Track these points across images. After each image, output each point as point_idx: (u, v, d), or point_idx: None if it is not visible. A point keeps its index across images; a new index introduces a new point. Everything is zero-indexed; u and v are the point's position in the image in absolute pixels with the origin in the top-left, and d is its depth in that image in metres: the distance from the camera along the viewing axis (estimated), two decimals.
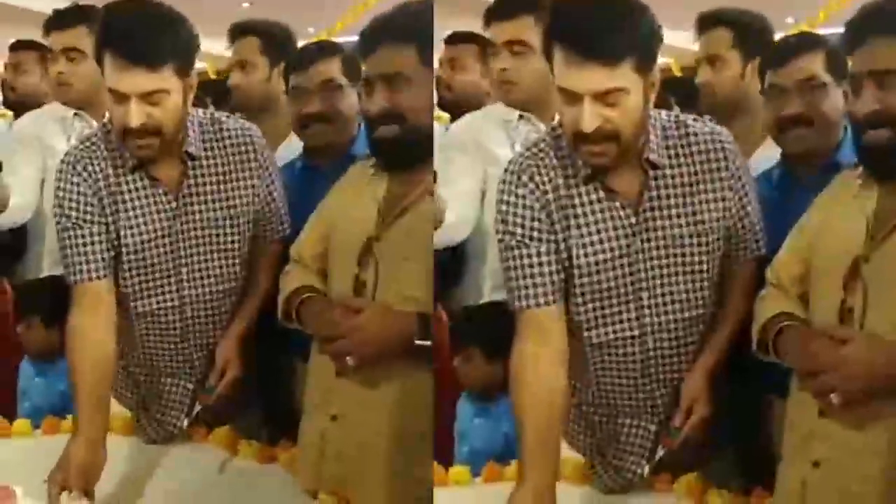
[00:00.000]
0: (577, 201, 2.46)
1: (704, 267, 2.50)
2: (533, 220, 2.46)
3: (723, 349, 2.55)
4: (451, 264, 3.04)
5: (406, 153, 2.57)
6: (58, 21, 3.31)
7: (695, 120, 2.51)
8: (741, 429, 2.67)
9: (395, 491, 2.57)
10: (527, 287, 2.47)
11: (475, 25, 3.22)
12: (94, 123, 3.19)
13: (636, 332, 2.52)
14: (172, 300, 2.79)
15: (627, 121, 2.35)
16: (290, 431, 2.77)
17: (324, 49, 3.04)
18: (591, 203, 2.46)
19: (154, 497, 2.74)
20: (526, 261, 2.47)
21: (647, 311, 2.50)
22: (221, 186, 2.77)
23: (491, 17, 3.11)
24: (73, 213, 2.69)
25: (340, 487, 2.63)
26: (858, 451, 2.25)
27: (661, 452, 2.58)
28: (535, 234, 2.47)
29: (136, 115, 2.57)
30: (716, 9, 3.09)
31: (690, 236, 2.47)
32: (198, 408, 2.82)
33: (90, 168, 2.70)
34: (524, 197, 2.47)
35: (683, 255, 2.48)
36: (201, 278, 2.78)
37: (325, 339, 2.60)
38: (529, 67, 3.04)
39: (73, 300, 2.70)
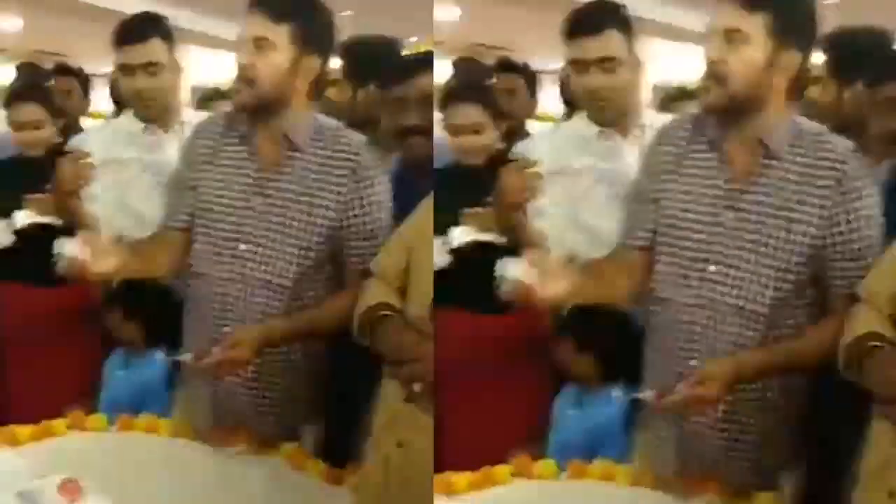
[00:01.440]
0: (689, 162, 2.57)
1: (781, 265, 2.45)
2: (650, 174, 2.66)
3: (772, 361, 2.48)
4: None
5: None
6: (130, 35, 3.30)
7: (836, 136, 2.51)
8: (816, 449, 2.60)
9: None
10: (626, 228, 2.69)
11: None
12: (163, 134, 3.23)
13: (691, 301, 2.52)
14: (222, 272, 2.79)
15: (740, 70, 2.44)
16: (358, 452, 2.72)
17: (424, 61, 3.02)
18: (700, 167, 2.56)
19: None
20: (631, 207, 2.69)
21: (707, 284, 2.50)
22: (312, 184, 2.76)
23: (575, 32, 3.04)
24: (177, 167, 2.93)
25: None
26: None
27: (640, 395, 2.50)
28: (646, 184, 2.65)
29: (242, 55, 2.72)
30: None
31: (777, 229, 2.45)
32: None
33: (205, 133, 2.89)
34: (652, 154, 2.68)
35: (765, 244, 2.46)
36: (255, 262, 2.77)
37: (395, 362, 2.55)
38: (620, 82, 3.04)
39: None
